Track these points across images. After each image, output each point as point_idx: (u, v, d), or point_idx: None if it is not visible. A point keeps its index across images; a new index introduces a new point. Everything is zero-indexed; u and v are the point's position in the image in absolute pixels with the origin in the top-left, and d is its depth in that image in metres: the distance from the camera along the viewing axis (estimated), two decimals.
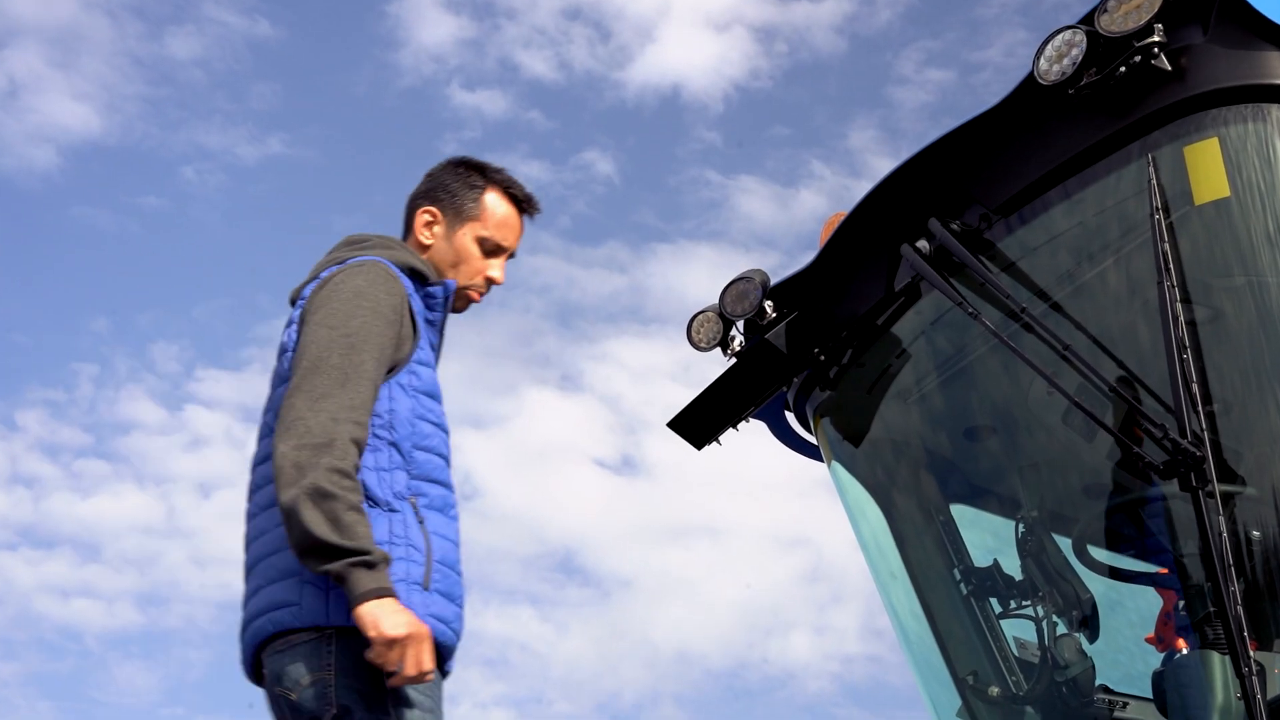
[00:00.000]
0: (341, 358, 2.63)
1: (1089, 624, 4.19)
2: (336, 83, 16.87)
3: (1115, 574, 4.28)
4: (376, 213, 16.93)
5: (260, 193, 16.48)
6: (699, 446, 4.67)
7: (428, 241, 2.95)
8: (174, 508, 15.81)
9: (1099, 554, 4.28)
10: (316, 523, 2.49)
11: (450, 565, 2.68)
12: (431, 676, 2.53)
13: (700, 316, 4.48)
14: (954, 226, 4.12)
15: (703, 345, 4.48)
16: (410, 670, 2.50)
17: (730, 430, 4.68)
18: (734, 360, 4.52)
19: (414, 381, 2.73)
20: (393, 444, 2.67)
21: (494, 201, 2.99)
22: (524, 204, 3.03)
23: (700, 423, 4.62)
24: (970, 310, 3.99)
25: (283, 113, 16.43)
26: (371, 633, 2.48)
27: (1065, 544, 4.32)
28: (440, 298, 2.87)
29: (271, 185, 16.47)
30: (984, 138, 4.05)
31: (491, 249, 2.97)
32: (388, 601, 2.49)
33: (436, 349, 2.87)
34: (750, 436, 4.82)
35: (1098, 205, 3.93)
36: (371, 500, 2.62)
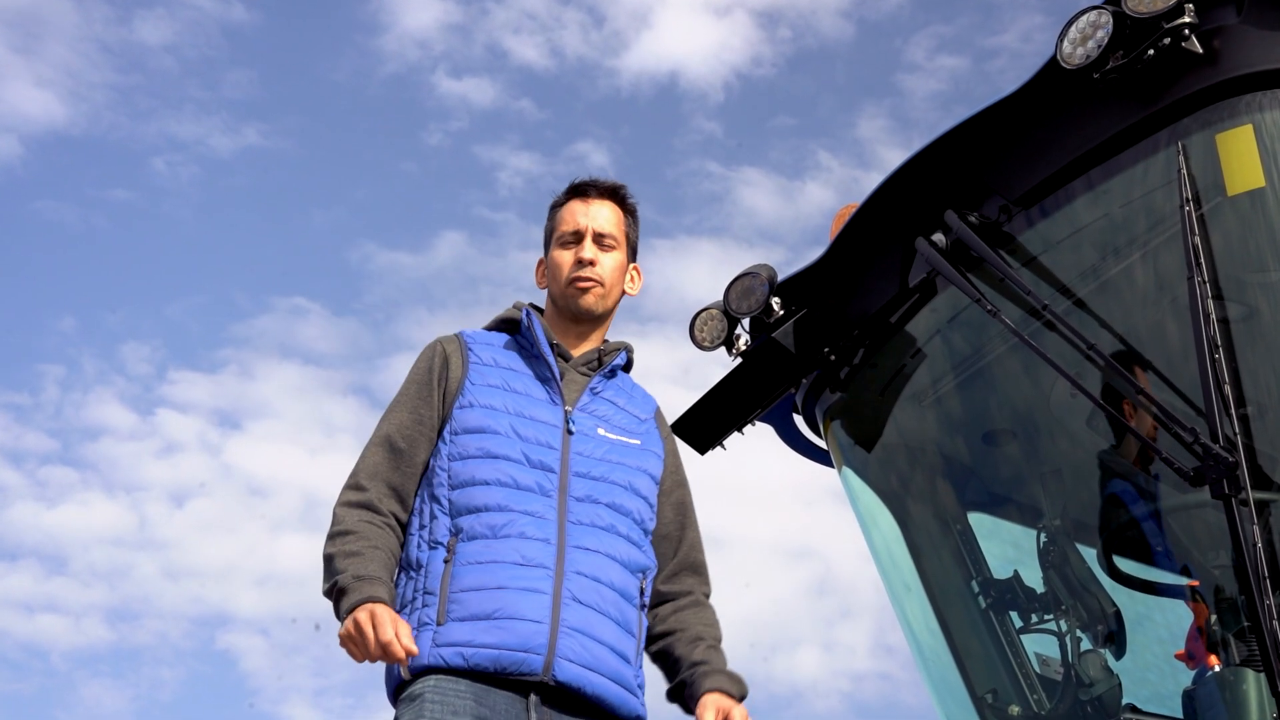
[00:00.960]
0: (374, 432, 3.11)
1: (1115, 639, 4.18)
2: (316, 70, 16.87)
3: (1143, 586, 4.25)
4: (357, 207, 16.95)
5: (235, 185, 16.48)
6: (702, 451, 4.68)
7: (543, 285, 3.31)
8: (145, 517, 15.79)
9: (1126, 565, 4.25)
10: (323, 580, 2.92)
11: (481, 587, 2.90)
12: (392, 656, 2.77)
13: (704, 314, 4.49)
14: (972, 219, 4.12)
15: (706, 344, 4.48)
16: (375, 656, 2.79)
17: (735, 434, 4.69)
18: (739, 360, 4.52)
19: (453, 426, 3.05)
20: (432, 498, 3.01)
21: (563, 207, 3.30)
22: (574, 189, 3.29)
23: (704, 426, 4.63)
24: (989, 308, 3.99)
25: (259, 101, 16.43)
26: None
27: (1090, 554, 4.30)
28: (524, 326, 3.19)
29: (247, 178, 16.47)
30: (1004, 125, 4.05)
31: (567, 242, 3.24)
32: (352, 616, 2.81)
33: (549, 379, 3.12)
34: (756, 440, 4.83)
35: (1124, 196, 3.92)
36: (406, 565, 3.00)
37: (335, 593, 2.85)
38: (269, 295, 16.80)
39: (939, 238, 4.15)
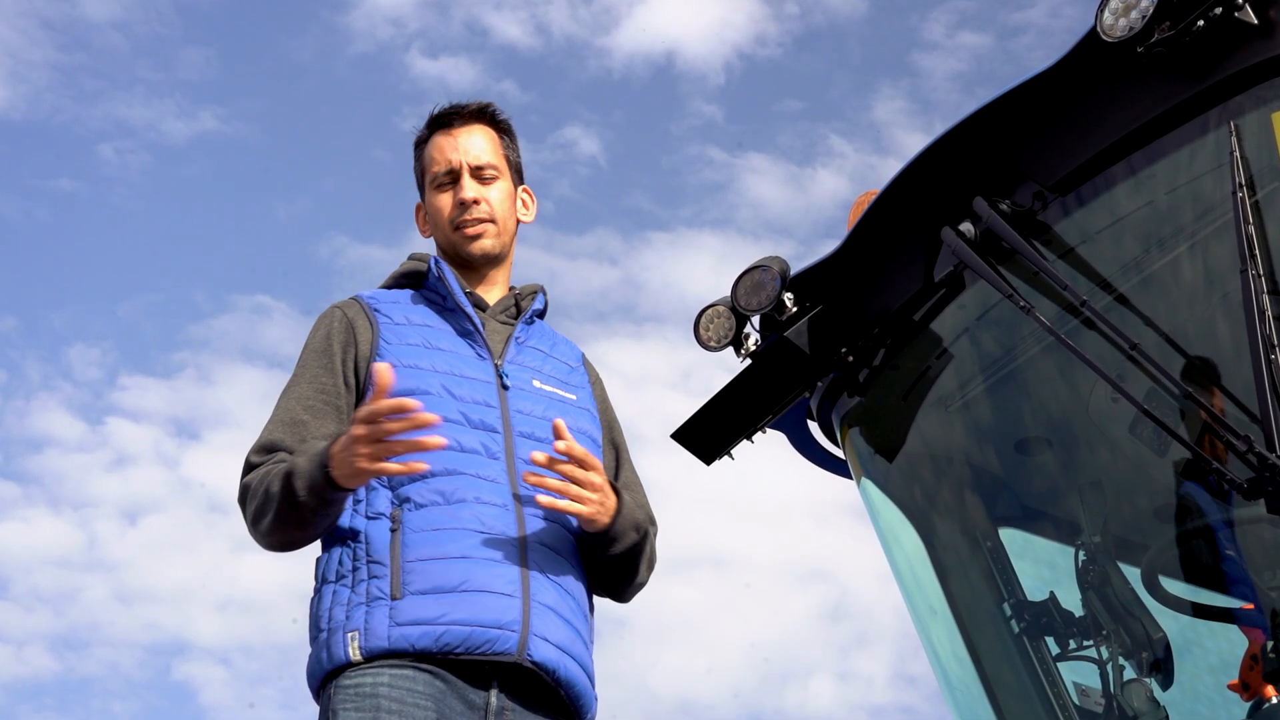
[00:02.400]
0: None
1: (1161, 668, 4.15)
2: (278, 49, 16.86)
3: (1192, 610, 4.24)
4: (325, 197, 16.92)
5: (191, 174, 16.46)
6: (708, 461, 4.65)
7: (426, 234, 3.24)
8: (94, 536, 15.75)
9: (1173, 586, 4.24)
10: (269, 522, 2.84)
11: (441, 556, 2.81)
12: (406, 419, 2.69)
13: (710, 311, 4.46)
14: (1003, 207, 4.10)
15: (713, 344, 4.45)
16: (380, 457, 2.72)
17: (744, 442, 4.66)
18: (748, 362, 4.49)
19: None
20: None
21: (429, 143, 3.22)
22: (436, 121, 3.23)
23: (710, 434, 4.60)
24: (1022, 304, 3.97)
25: (216, 83, 16.41)
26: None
27: (1133, 574, 4.28)
28: (434, 277, 3.11)
29: (204, 166, 16.44)
30: (1038, 104, 4.02)
31: (442, 183, 3.17)
32: (332, 454, 2.75)
33: (471, 332, 3.07)
34: (766, 450, 4.80)
35: (1171, 182, 3.90)
36: (340, 536, 2.91)
37: (289, 478, 2.78)
38: (229, 293, 16.79)
39: (967, 227, 4.13)
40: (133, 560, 15.71)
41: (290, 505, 2.78)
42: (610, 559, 3.00)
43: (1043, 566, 4.56)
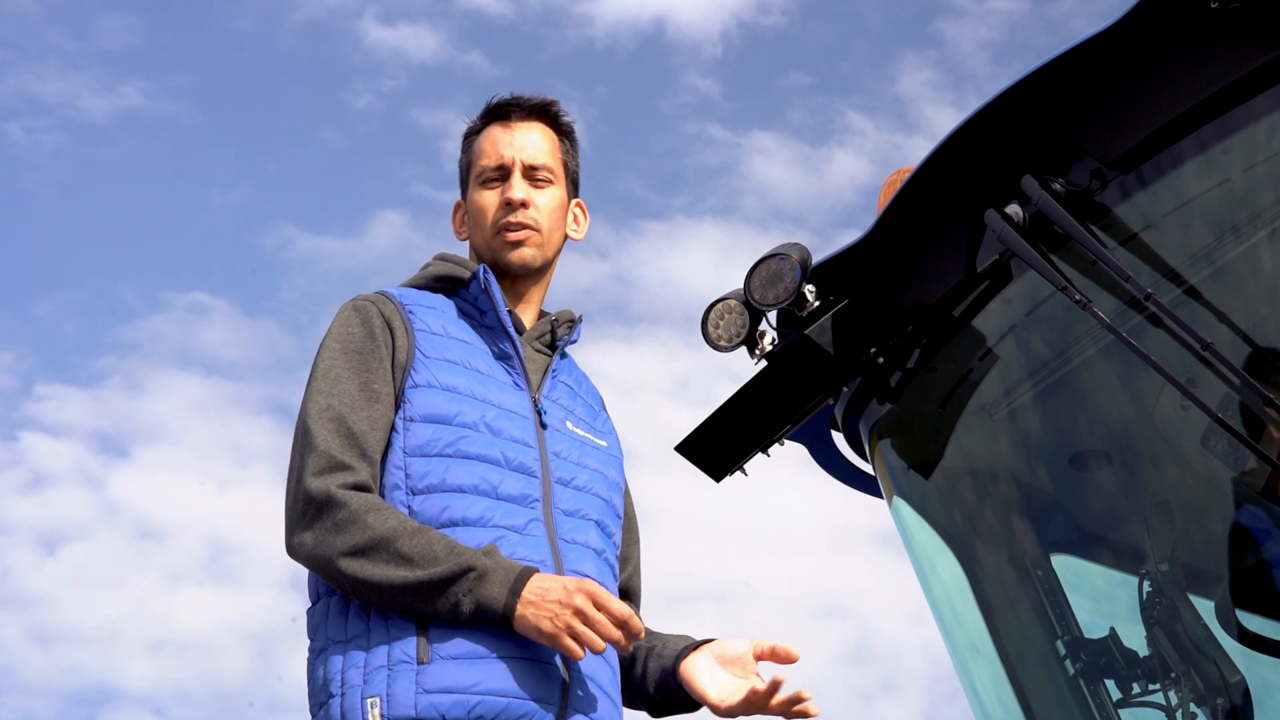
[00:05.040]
0: (302, 418, 2.95)
1: (1239, 716, 4.13)
2: (212, 14, 16.84)
3: (1272, 648, 4.21)
4: (268, 183, 16.87)
5: (113, 157, 16.44)
6: (718, 478, 4.62)
7: (462, 235, 3.26)
8: (7, 568, 15.71)
9: (1251, 622, 4.22)
10: (382, 575, 2.76)
11: None
12: (634, 629, 2.76)
13: (720, 306, 4.42)
14: (1055, 186, 4.08)
15: (723, 344, 4.43)
16: (590, 644, 2.73)
17: (759, 456, 4.62)
18: (764, 363, 4.45)
19: (408, 411, 2.94)
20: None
21: (481, 135, 3.25)
22: (492, 112, 3.26)
23: (720, 446, 4.56)
24: (1077, 297, 3.95)
25: (141, 54, 16.39)
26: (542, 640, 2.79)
27: (1206, 608, 4.28)
28: (479, 287, 3.09)
29: (128, 147, 16.42)
30: (1096, 69, 4.00)
31: (490, 179, 3.19)
32: (528, 592, 2.74)
33: (510, 357, 3.07)
34: (783, 465, 4.78)
35: (1248, 158, 3.89)
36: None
37: (466, 575, 2.72)
38: (161, 291, 16.78)
39: (1014, 210, 4.11)
40: (51, 595, 15.69)
41: (440, 593, 2.75)
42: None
43: (1101, 599, 4.56)
